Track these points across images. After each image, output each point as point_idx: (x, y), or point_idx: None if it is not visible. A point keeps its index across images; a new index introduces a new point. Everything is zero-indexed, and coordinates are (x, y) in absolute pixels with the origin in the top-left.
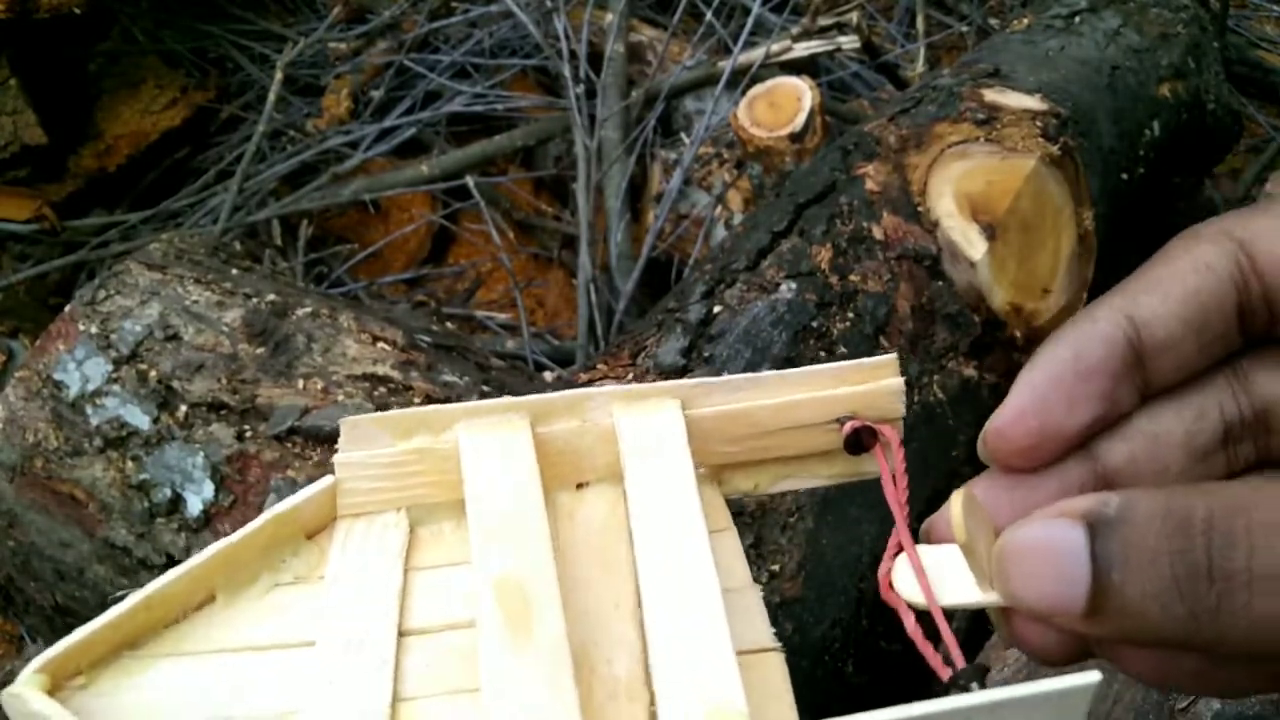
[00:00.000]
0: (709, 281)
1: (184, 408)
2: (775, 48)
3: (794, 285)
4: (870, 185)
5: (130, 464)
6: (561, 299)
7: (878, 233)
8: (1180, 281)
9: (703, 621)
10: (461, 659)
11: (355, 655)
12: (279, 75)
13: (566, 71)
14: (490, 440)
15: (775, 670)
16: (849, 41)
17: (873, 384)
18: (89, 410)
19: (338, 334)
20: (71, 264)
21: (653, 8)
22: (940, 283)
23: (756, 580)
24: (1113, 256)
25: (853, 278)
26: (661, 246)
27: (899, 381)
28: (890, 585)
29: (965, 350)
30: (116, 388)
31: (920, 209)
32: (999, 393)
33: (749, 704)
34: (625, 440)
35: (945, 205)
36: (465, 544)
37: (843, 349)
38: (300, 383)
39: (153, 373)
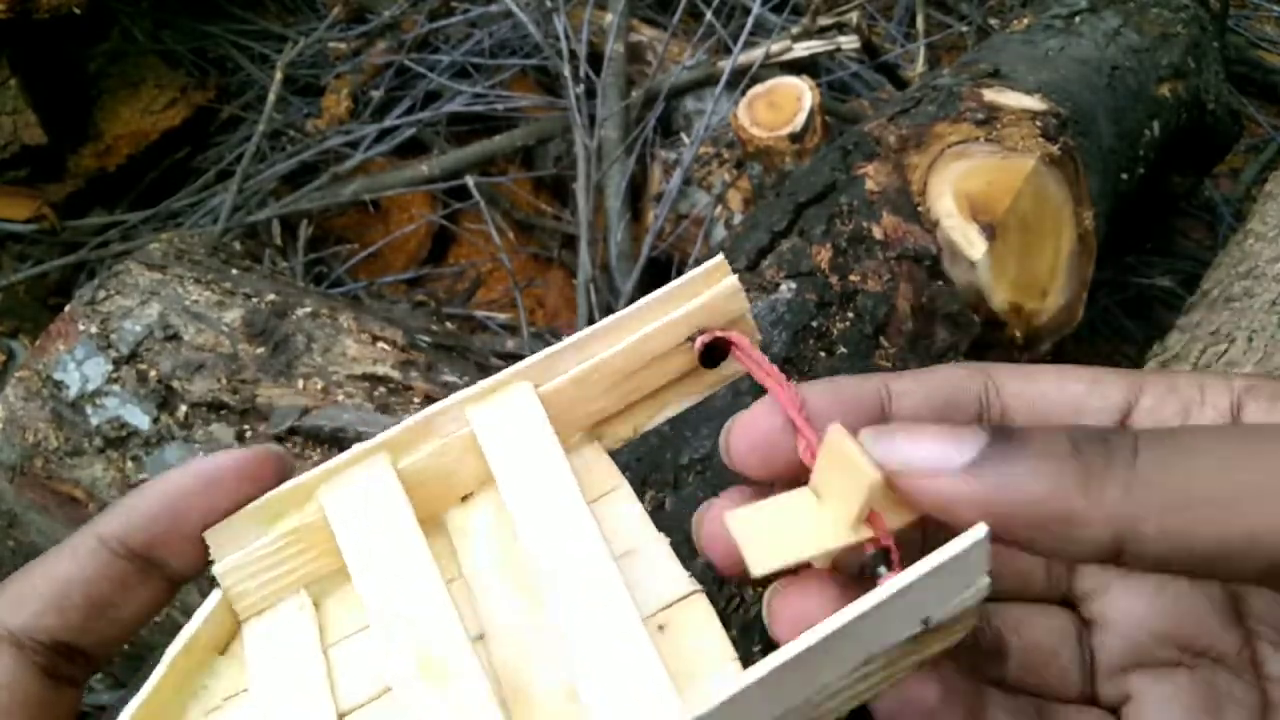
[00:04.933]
0: None
1: (184, 408)
2: (775, 48)
3: (794, 285)
4: (870, 185)
5: (130, 464)
6: (561, 299)
7: (878, 233)
8: (934, 377)
9: (609, 603)
10: None
11: None
12: (279, 75)
13: (566, 71)
14: (354, 495)
15: (699, 611)
16: (849, 41)
17: (709, 292)
18: (89, 410)
19: (338, 334)
20: (71, 264)
21: (653, 8)
22: (940, 283)
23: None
24: (1113, 256)
25: (853, 278)
26: (661, 246)
27: (733, 280)
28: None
29: (965, 350)
30: (116, 388)
31: (920, 209)
32: None
33: (675, 654)
34: (485, 441)
35: (945, 205)
36: None
37: (843, 349)
38: (300, 383)
39: (153, 373)
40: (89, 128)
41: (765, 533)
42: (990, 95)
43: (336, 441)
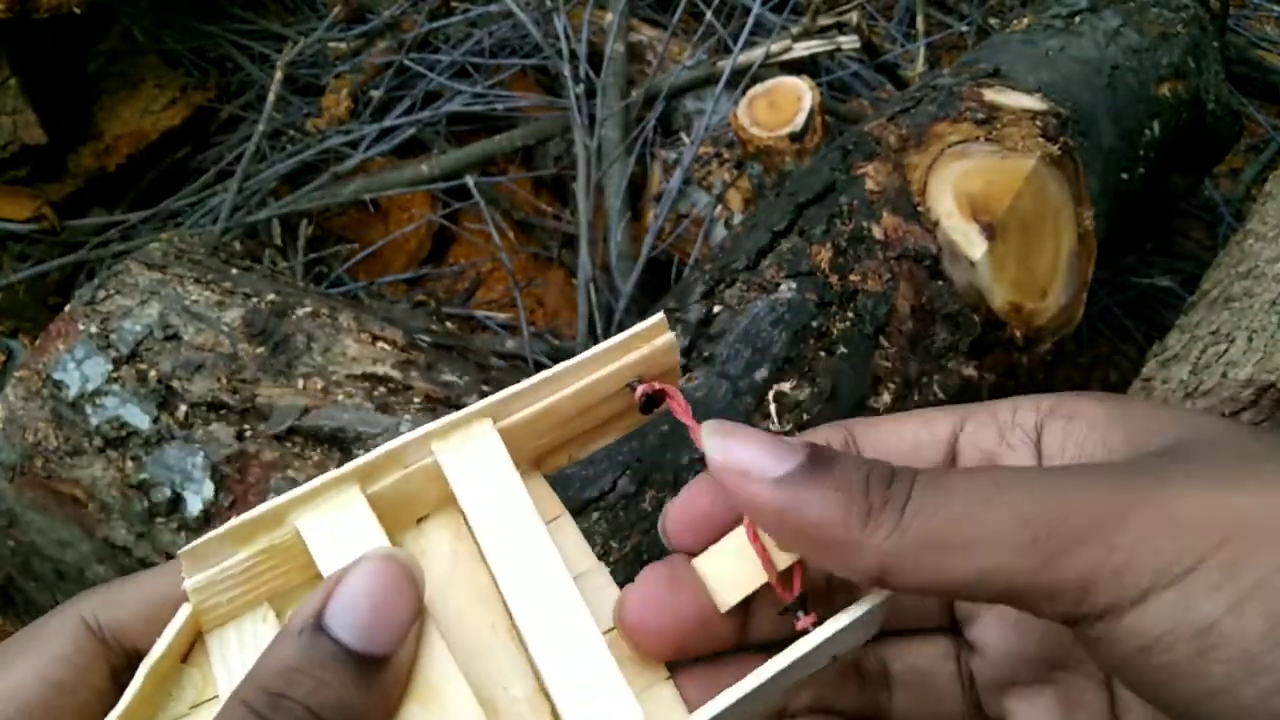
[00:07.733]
0: (709, 281)
1: (184, 407)
2: (775, 48)
3: (794, 285)
4: (870, 185)
5: (130, 464)
6: (561, 299)
7: (878, 232)
8: (814, 434)
9: (572, 623)
10: None
11: None
12: (279, 75)
13: (566, 71)
14: (328, 519)
15: None
16: (849, 41)
17: (648, 346)
18: (89, 410)
19: (338, 334)
20: (71, 264)
21: (653, 8)
22: (940, 283)
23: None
24: (1113, 256)
25: (853, 277)
26: (661, 246)
27: (670, 336)
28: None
29: (965, 350)
30: (116, 387)
31: (920, 209)
32: (999, 393)
33: (622, 666)
34: (450, 470)
35: (945, 205)
36: None
37: (843, 349)
38: (300, 382)
39: (153, 372)
40: (89, 128)
41: (721, 574)
42: (990, 95)
43: (336, 441)
